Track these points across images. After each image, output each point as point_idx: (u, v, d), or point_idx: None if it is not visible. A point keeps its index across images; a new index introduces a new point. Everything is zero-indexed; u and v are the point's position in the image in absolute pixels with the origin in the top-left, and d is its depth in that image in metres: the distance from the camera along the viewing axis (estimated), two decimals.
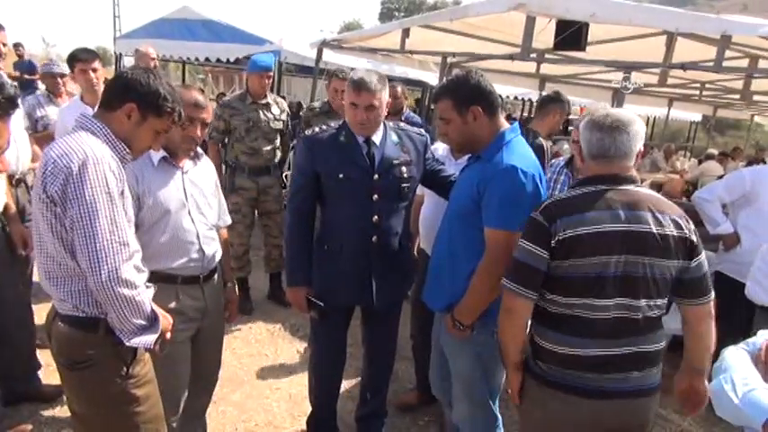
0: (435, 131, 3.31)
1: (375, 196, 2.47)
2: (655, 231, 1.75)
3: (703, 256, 1.85)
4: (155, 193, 2.17)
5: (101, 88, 3.33)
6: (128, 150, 1.78)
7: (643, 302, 1.79)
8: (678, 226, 1.78)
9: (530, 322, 1.93)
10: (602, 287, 1.76)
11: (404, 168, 2.51)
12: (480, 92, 2.14)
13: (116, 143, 1.74)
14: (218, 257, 2.42)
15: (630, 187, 1.82)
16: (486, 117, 2.15)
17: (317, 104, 4.49)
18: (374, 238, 2.50)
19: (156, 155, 2.21)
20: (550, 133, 4.14)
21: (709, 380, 1.82)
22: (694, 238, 1.81)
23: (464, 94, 2.14)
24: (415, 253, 3.01)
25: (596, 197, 1.79)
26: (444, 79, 2.39)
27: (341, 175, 2.45)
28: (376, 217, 2.48)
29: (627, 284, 1.77)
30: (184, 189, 2.26)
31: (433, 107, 2.50)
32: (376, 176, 2.46)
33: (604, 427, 1.85)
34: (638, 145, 1.84)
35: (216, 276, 2.45)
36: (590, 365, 1.79)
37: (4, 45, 3.10)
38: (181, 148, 2.26)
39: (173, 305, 2.23)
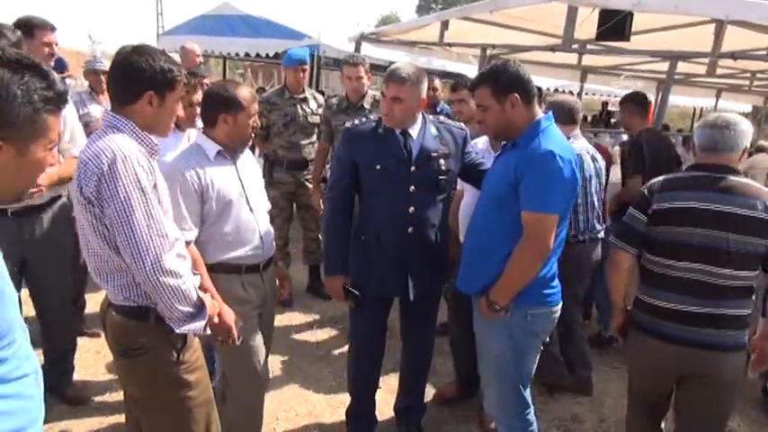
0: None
1: (412, 188, 2.49)
2: (741, 213, 2.08)
3: None
4: (217, 186, 2.25)
5: None
6: (155, 142, 1.80)
7: (726, 271, 2.12)
8: (764, 208, 2.08)
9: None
10: (686, 253, 2.15)
11: (442, 161, 2.52)
12: (519, 80, 2.19)
13: (142, 136, 1.76)
14: (274, 244, 2.51)
15: (729, 176, 2.15)
16: (523, 105, 2.19)
17: (334, 101, 4.33)
18: (410, 230, 2.52)
19: (212, 149, 2.28)
20: None
21: None
22: None
23: (503, 82, 2.18)
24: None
25: (694, 180, 2.20)
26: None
27: (378, 166, 2.48)
28: (412, 208, 2.50)
29: (709, 254, 2.12)
30: (240, 179, 2.35)
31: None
32: (413, 168, 2.48)
33: (681, 371, 2.24)
34: (743, 142, 2.18)
35: (272, 264, 2.53)
36: (669, 315, 2.19)
37: (57, 45, 3.18)
38: (245, 140, 2.36)
39: (242, 294, 2.34)
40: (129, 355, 1.82)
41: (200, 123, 2.57)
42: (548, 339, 2.39)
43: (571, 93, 11.77)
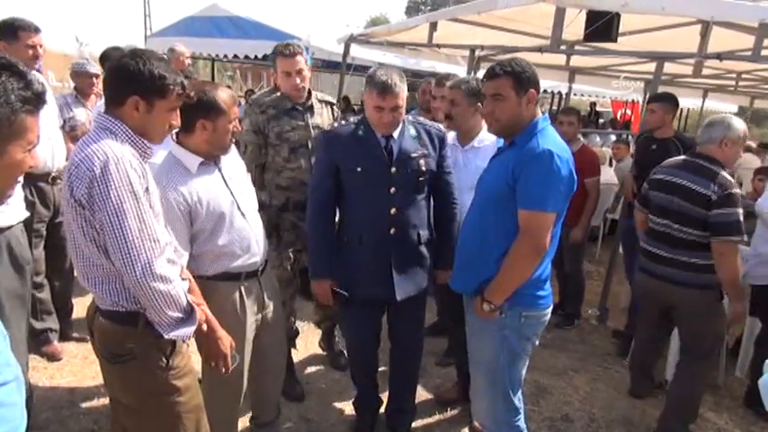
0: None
1: (393, 189, 2.50)
2: (690, 187, 2.89)
3: (724, 210, 2.77)
4: (206, 201, 2.14)
5: None
6: (148, 145, 1.76)
7: (676, 226, 2.97)
8: (708, 186, 2.82)
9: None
10: (659, 211, 3.07)
11: (421, 161, 2.54)
12: (535, 78, 2.21)
13: (135, 139, 1.72)
14: (267, 247, 2.45)
15: (701, 161, 2.92)
16: (533, 103, 2.20)
17: (266, 100, 3.19)
18: (392, 231, 2.53)
19: (193, 163, 2.15)
20: None
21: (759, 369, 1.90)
22: (714, 197, 2.79)
23: (527, 75, 2.18)
24: None
25: (677, 162, 3.08)
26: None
27: (359, 169, 2.49)
28: (394, 209, 2.51)
29: (670, 213, 2.99)
30: (228, 187, 2.25)
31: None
32: (393, 169, 2.49)
33: (661, 300, 3.14)
34: (719, 134, 2.90)
35: (267, 265, 2.49)
36: (652, 257, 3.10)
37: (41, 47, 3.13)
38: (225, 147, 2.24)
39: (239, 304, 2.28)
40: (117, 361, 1.79)
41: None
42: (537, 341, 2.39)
43: (560, 93, 11.84)
